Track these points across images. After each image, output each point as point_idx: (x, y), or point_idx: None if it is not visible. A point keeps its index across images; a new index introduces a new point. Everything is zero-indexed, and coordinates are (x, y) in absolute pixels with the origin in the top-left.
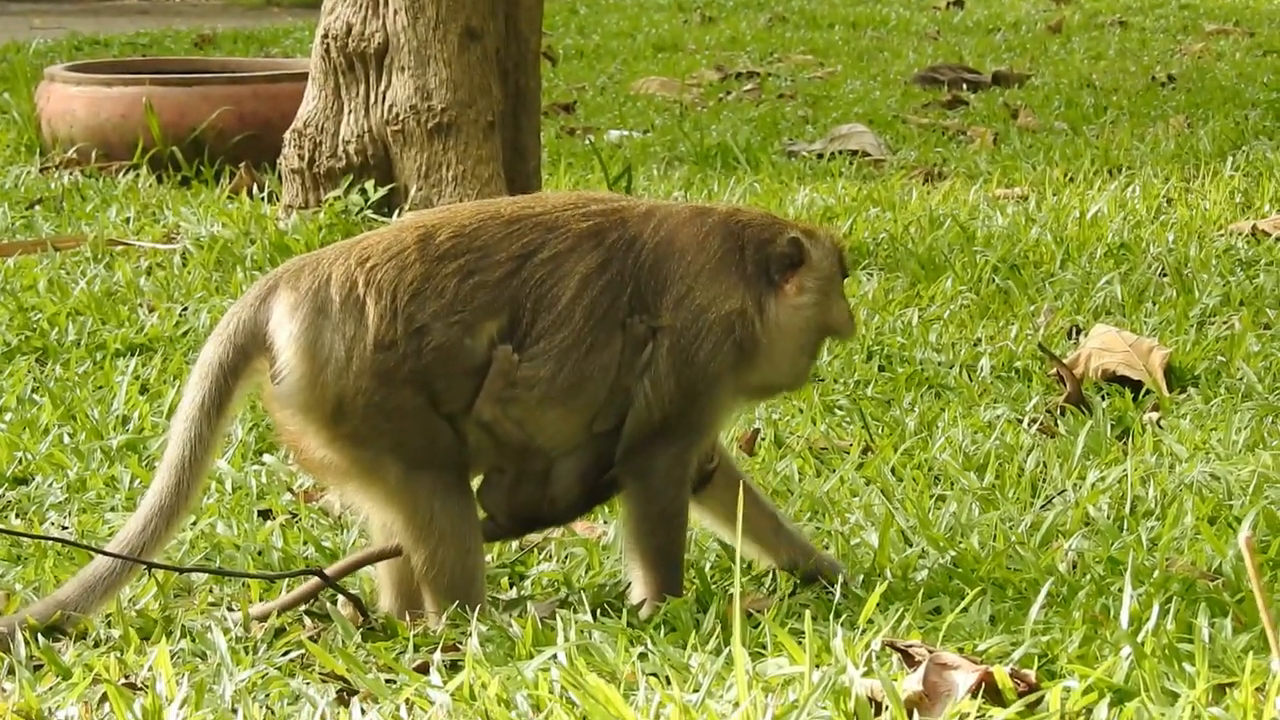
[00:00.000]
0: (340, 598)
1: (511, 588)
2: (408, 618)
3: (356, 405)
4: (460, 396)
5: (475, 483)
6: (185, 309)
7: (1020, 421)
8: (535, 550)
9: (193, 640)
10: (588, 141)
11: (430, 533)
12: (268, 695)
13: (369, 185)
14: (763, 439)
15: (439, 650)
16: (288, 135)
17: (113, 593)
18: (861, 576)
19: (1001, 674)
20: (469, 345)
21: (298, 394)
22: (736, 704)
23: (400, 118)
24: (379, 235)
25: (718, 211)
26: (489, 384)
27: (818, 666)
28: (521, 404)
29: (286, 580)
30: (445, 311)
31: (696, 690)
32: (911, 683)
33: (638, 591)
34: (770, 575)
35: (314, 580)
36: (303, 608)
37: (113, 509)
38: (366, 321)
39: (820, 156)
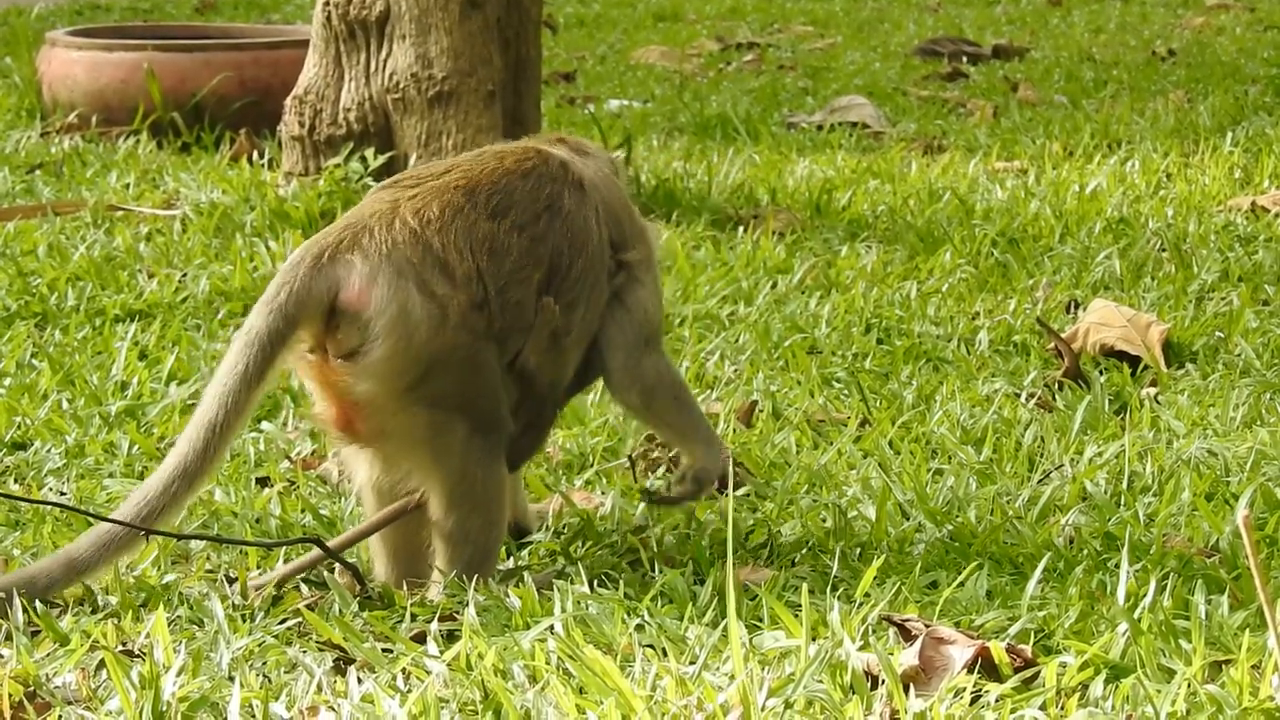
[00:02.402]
0: (338, 566)
1: (509, 558)
2: (404, 586)
3: (450, 365)
4: (513, 351)
5: None
6: (185, 275)
7: (1018, 396)
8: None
9: (190, 608)
10: (588, 111)
11: (470, 498)
12: (264, 663)
13: (369, 153)
14: (760, 411)
15: (436, 620)
16: (288, 102)
17: (123, 555)
18: (859, 549)
19: (998, 649)
20: (529, 300)
21: (387, 360)
22: (733, 676)
23: (401, 86)
24: (416, 193)
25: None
26: (536, 335)
27: (814, 640)
28: (560, 350)
29: (284, 548)
30: (516, 268)
31: (693, 662)
32: (908, 657)
33: (687, 461)
34: (768, 548)
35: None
36: (299, 576)
37: (111, 475)
38: (456, 281)
39: (820, 128)
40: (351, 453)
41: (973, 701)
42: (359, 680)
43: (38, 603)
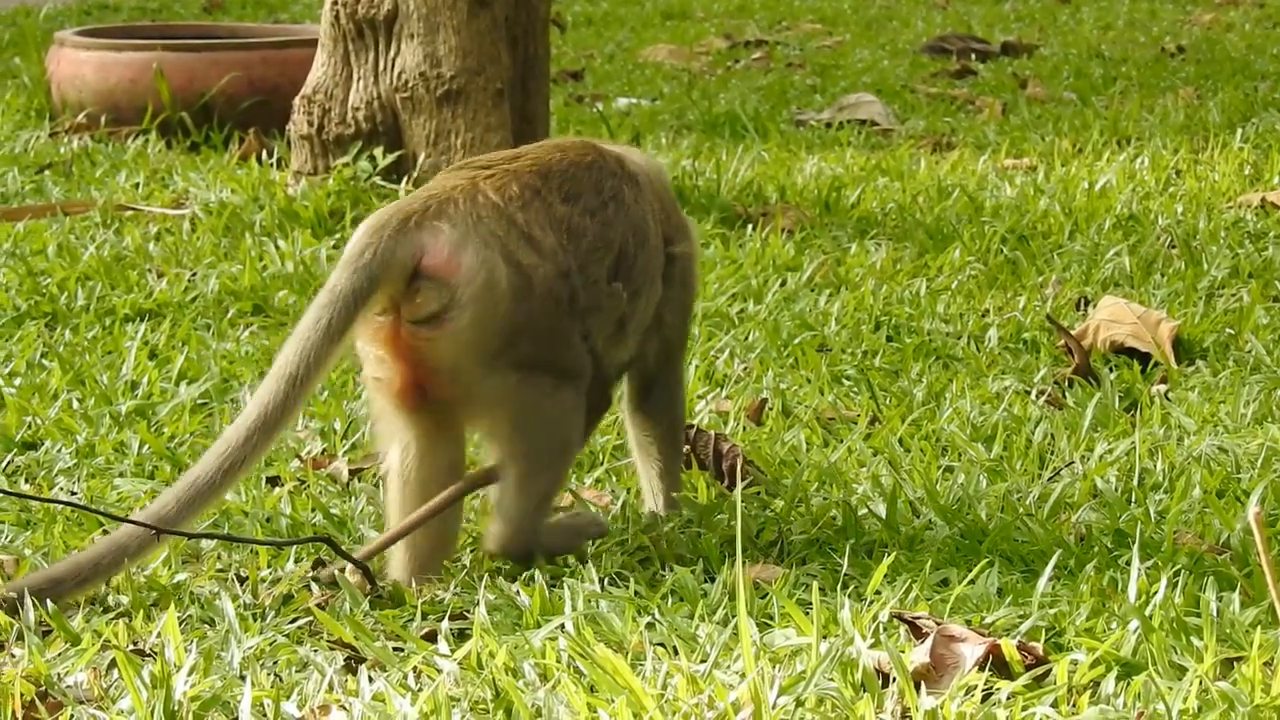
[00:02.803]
0: (349, 565)
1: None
2: (414, 584)
3: (536, 332)
4: (586, 331)
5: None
6: (194, 274)
7: (1028, 393)
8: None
9: (201, 607)
10: (596, 109)
11: (549, 452)
12: (275, 662)
13: (378, 152)
14: (770, 409)
15: (446, 619)
16: (297, 102)
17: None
18: (870, 547)
19: (1009, 646)
20: (603, 281)
21: (472, 326)
22: (744, 675)
23: (409, 85)
24: (492, 173)
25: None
26: (604, 319)
27: (825, 638)
28: (623, 338)
29: (295, 547)
30: (591, 249)
31: (704, 661)
32: (919, 655)
33: (655, 503)
34: (778, 546)
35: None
36: (309, 575)
37: (121, 474)
38: (542, 252)
39: (828, 125)
40: (391, 432)
41: (984, 699)
42: (370, 679)
43: (48, 602)
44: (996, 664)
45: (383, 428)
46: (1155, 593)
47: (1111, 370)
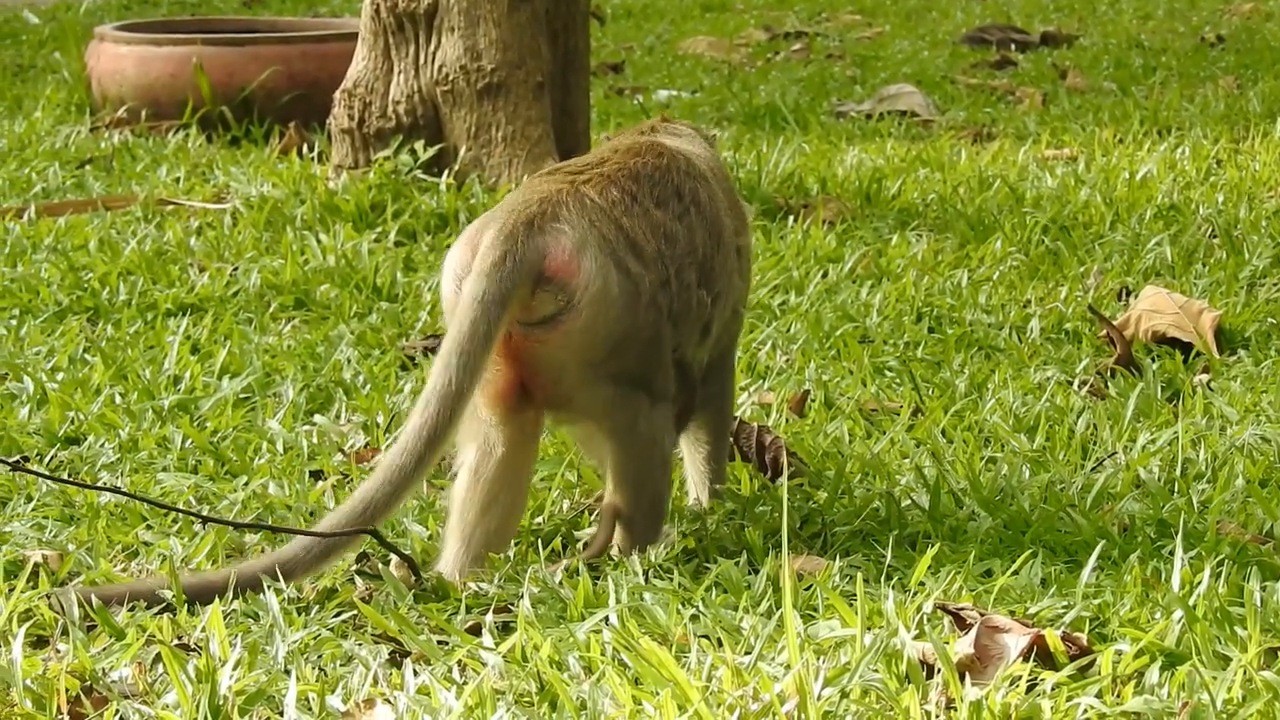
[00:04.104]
0: (394, 558)
1: (565, 549)
2: (458, 577)
3: (638, 342)
4: (678, 338)
5: None
6: (236, 269)
7: (1070, 383)
8: (586, 512)
9: (245, 601)
10: (636, 101)
11: (650, 468)
12: (320, 656)
13: (418, 145)
14: (813, 400)
15: (491, 612)
16: (337, 95)
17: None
18: (913, 538)
19: (1053, 637)
20: (694, 287)
21: (584, 330)
22: (788, 666)
23: (450, 78)
24: (587, 178)
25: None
26: (692, 326)
27: (869, 629)
28: (705, 342)
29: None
30: (683, 254)
31: (749, 652)
32: (963, 646)
33: (700, 494)
34: (821, 538)
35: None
36: (353, 568)
37: (164, 469)
38: (645, 260)
39: (869, 117)
40: (474, 432)
41: (1028, 690)
42: (415, 673)
43: (93, 597)
44: (1041, 655)
45: (467, 425)
46: (1199, 583)
47: (1154, 360)
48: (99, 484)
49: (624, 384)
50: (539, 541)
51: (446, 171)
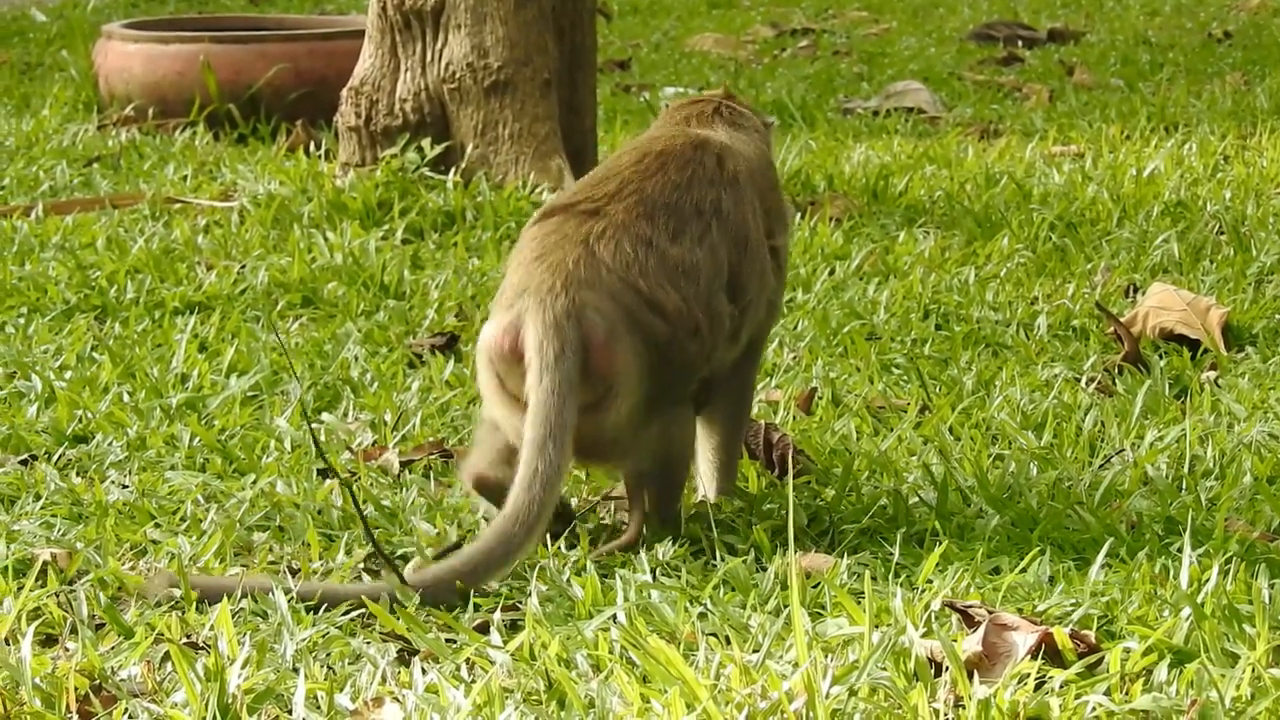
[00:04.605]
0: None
1: (573, 549)
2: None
3: (675, 384)
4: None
5: None
6: (243, 267)
7: (1078, 380)
8: (593, 510)
9: (253, 600)
10: (643, 98)
11: (673, 457)
12: (328, 654)
13: (425, 143)
14: (820, 398)
15: (499, 610)
16: (344, 93)
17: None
18: (921, 536)
19: (1061, 635)
20: (724, 307)
21: (628, 412)
22: (796, 664)
23: (457, 76)
24: (602, 226)
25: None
26: (723, 336)
27: (877, 627)
28: (735, 342)
29: (346, 538)
30: (709, 282)
31: (756, 650)
32: (971, 643)
33: (709, 490)
34: (828, 536)
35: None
36: (360, 567)
37: (172, 467)
38: (669, 317)
39: (876, 114)
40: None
41: (1037, 687)
42: (423, 671)
43: (101, 595)
44: (1049, 652)
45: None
46: (1207, 580)
47: (1161, 357)
48: (105, 486)
49: (664, 413)
50: (548, 537)
51: (453, 169)
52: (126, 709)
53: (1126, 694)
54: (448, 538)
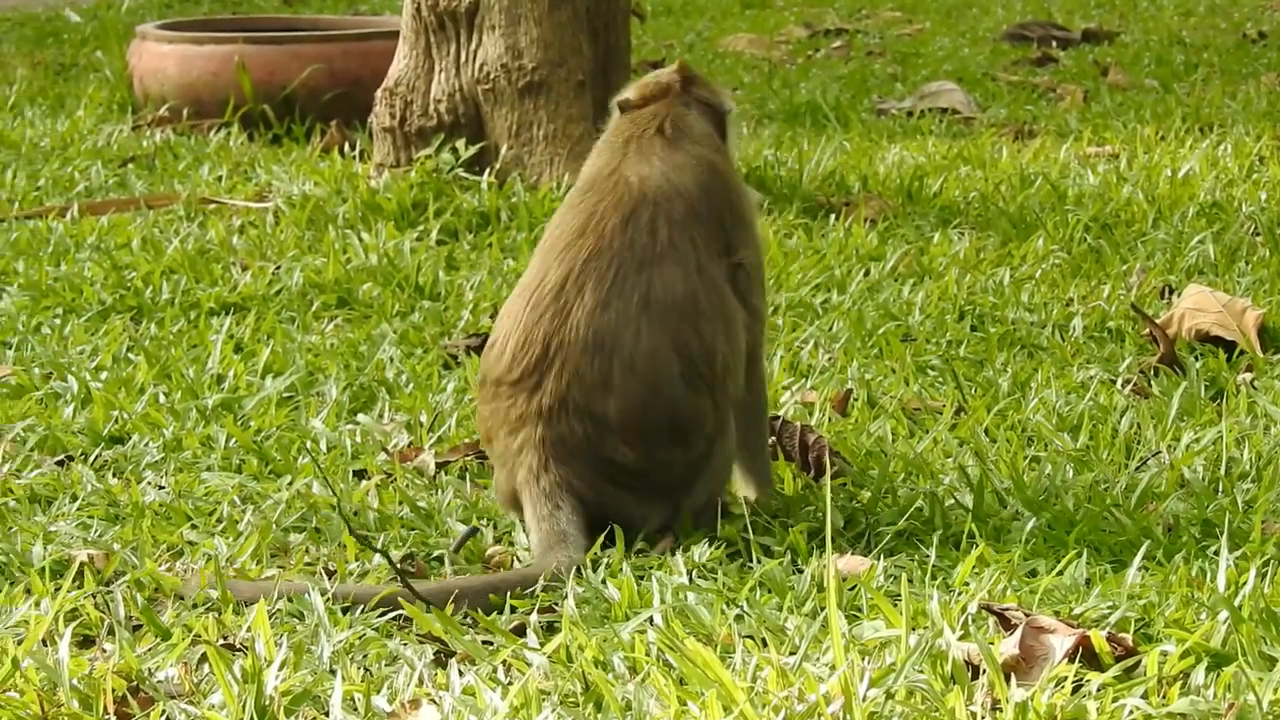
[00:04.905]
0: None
1: (604, 550)
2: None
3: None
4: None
5: None
6: (278, 267)
7: (1114, 382)
8: None
9: (290, 601)
10: None
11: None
12: (365, 656)
13: (460, 144)
14: (855, 400)
15: (535, 612)
16: (379, 94)
17: None
18: (957, 538)
19: (1098, 638)
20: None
21: None
22: (834, 667)
23: (491, 76)
24: (573, 299)
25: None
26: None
27: (914, 630)
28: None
29: (383, 540)
30: (670, 378)
31: (793, 653)
32: (1008, 646)
33: (748, 492)
34: (865, 538)
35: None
36: (399, 567)
37: (209, 468)
38: (641, 460)
39: (910, 114)
40: None
41: (1074, 691)
42: (460, 673)
43: (138, 597)
44: (1086, 655)
45: None
46: (1244, 583)
47: (1197, 359)
48: (141, 487)
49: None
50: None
51: (488, 170)
52: (164, 710)
53: (1164, 697)
54: (484, 540)
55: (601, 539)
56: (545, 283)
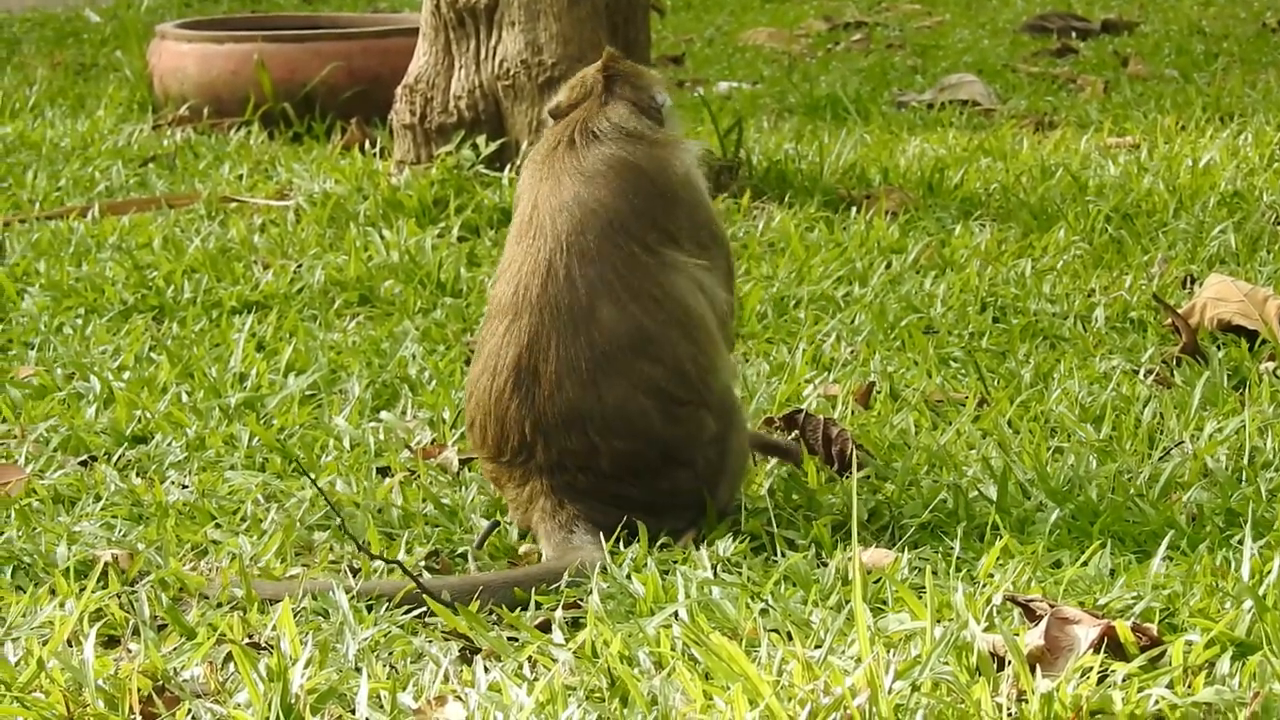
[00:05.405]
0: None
1: (628, 545)
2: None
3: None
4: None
5: None
6: (299, 265)
7: (1136, 372)
8: None
9: (315, 599)
10: (697, 93)
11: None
12: (391, 654)
13: (480, 140)
14: (878, 392)
15: (560, 608)
16: (399, 91)
17: None
18: (981, 530)
19: (1123, 628)
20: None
21: None
22: (859, 660)
23: (511, 73)
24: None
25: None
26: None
27: (939, 622)
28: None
29: (408, 536)
30: (633, 351)
31: (819, 646)
32: (1033, 637)
33: None
34: (889, 530)
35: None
36: (421, 564)
37: (232, 467)
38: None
39: (930, 106)
40: None
41: (1099, 681)
42: (485, 669)
43: (163, 596)
44: (1111, 646)
45: None
46: (1269, 572)
47: (1219, 348)
48: (165, 487)
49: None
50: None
51: (508, 166)
52: (189, 710)
53: (1189, 687)
54: (508, 534)
55: (624, 534)
56: (502, 361)
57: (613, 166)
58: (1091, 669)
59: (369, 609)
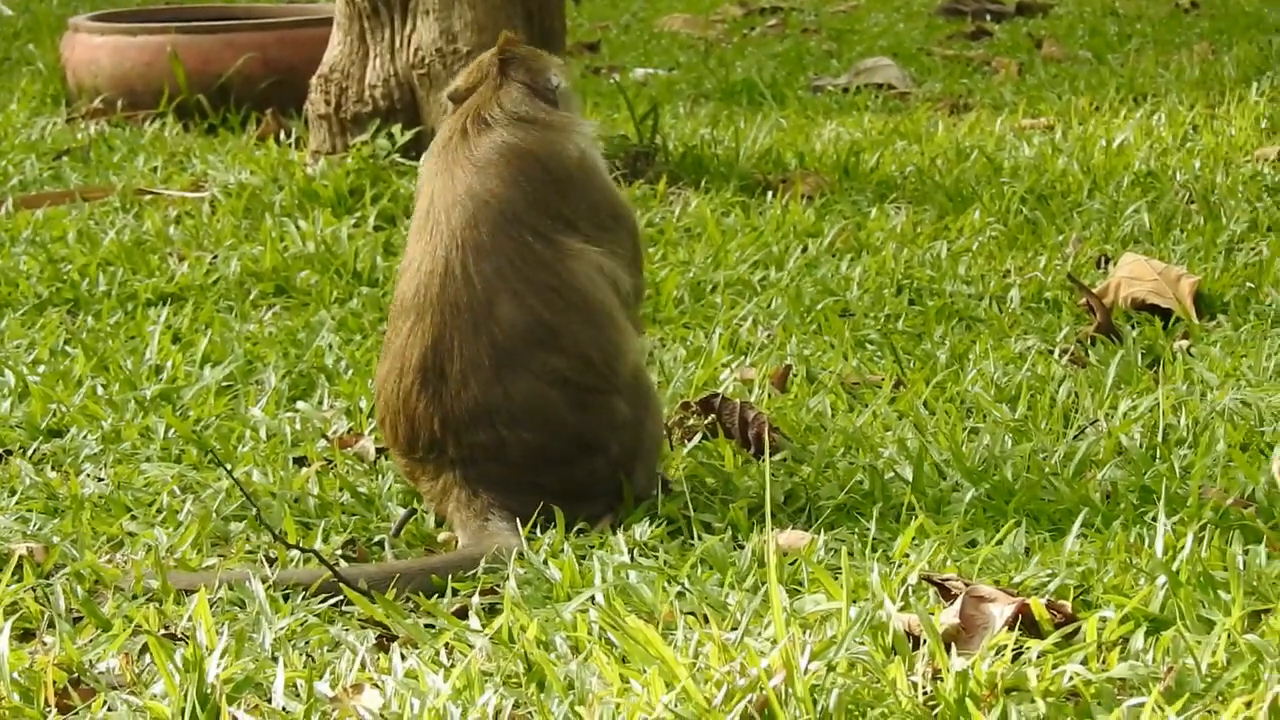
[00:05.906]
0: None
1: (545, 531)
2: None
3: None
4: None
5: None
6: (215, 257)
7: (1051, 352)
8: None
9: (231, 589)
10: (613, 80)
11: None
12: (307, 642)
13: (396, 129)
14: (794, 375)
15: (477, 594)
16: (314, 81)
17: None
18: (897, 510)
19: (1038, 605)
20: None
21: None
22: (775, 641)
23: (425, 61)
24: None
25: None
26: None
27: (855, 602)
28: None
29: (324, 524)
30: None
31: (735, 628)
32: (949, 616)
33: None
34: (805, 512)
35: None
36: (338, 553)
37: (148, 459)
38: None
39: (845, 90)
40: None
41: (1014, 658)
42: (402, 656)
43: (78, 588)
44: (1026, 623)
45: None
46: (1182, 548)
47: (1133, 327)
48: (80, 479)
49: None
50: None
51: (424, 155)
52: (105, 701)
53: (1103, 663)
54: (424, 522)
55: (541, 521)
56: (408, 362)
57: (504, 154)
58: (1006, 647)
59: (285, 598)
